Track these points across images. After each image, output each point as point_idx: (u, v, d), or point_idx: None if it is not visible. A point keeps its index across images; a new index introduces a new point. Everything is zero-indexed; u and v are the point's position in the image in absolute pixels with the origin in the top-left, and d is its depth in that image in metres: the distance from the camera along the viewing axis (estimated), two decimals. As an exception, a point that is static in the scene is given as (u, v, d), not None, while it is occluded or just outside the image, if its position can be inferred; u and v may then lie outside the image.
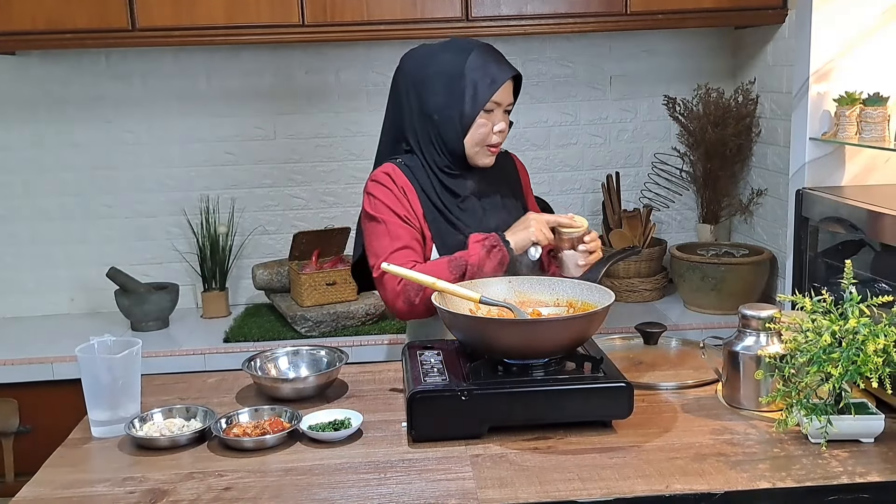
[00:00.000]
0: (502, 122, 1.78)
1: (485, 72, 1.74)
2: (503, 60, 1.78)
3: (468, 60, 1.74)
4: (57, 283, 2.95)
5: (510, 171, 1.94)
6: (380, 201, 1.79)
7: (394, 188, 1.79)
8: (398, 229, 1.76)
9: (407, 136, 1.82)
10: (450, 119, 1.75)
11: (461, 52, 1.75)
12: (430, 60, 1.78)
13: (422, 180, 1.80)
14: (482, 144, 1.77)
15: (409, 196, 1.79)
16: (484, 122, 1.75)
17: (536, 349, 1.46)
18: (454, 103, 1.74)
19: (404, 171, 1.81)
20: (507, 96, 1.77)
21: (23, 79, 2.83)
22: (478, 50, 1.76)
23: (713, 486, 1.25)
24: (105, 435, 1.49)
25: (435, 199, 1.79)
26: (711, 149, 2.86)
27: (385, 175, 1.81)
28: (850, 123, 1.95)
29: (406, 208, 1.78)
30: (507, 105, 1.78)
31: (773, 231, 2.76)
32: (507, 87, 1.76)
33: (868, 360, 1.28)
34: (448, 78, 1.74)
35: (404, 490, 1.27)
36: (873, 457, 1.33)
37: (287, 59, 2.89)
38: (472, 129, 1.75)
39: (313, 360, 1.71)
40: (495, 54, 1.78)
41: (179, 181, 2.93)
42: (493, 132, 1.77)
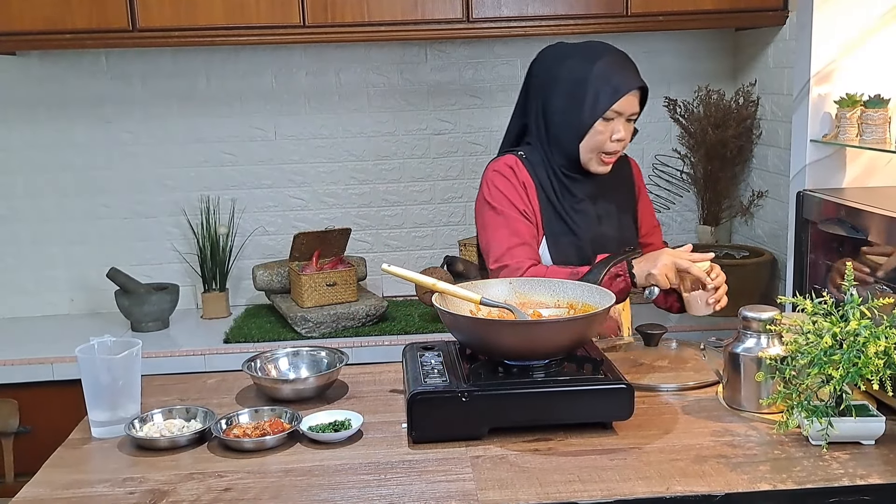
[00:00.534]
0: (622, 130, 1.76)
1: (608, 81, 1.73)
2: (631, 69, 1.77)
3: (594, 67, 1.74)
4: (57, 284, 2.95)
5: (627, 178, 1.93)
6: (500, 192, 1.80)
7: (515, 181, 1.80)
8: (518, 224, 1.77)
9: (530, 133, 1.84)
10: (568, 123, 1.76)
11: (590, 58, 1.76)
12: (560, 62, 1.79)
13: (541, 176, 1.81)
14: (597, 151, 1.77)
15: (528, 191, 1.80)
16: (601, 130, 1.75)
17: (537, 350, 1.46)
18: (574, 108, 1.75)
19: (525, 165, 1.82)
20: (631, 106, 1.75)
21: (23, 79, 2.83)
22: (607, 57, 1.75)
23: (714, 487, 1.25)
24: (105, 435, 1.49)
25: (553, 197, 1.80)
26: (712, 150, 2.86)
27: (507, 167, 1.82)
28: (850, 125, 1.95)
29: (525, 203, 1.79)
30: (629, 114, 1.76)
31: (773, 233, 2.75)
32: (632, 97, 1.75)
33: (869, 362, 1.28)
34: (572, 83, 1.76)
35: (404, 491, 1.27)
36: (874, 459, 1.33)
37: (287, 60, 2.89)
38: (589, 136, 1.76)
39: (313, 361, 1.71)
40: (624, 63, 1.77)
41: (179, 182, 2.93)
42: (611, 140, 1.76)
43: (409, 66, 2.93)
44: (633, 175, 1.95)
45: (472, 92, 2.96)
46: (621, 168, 1.91)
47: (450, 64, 2.94)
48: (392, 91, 2.94)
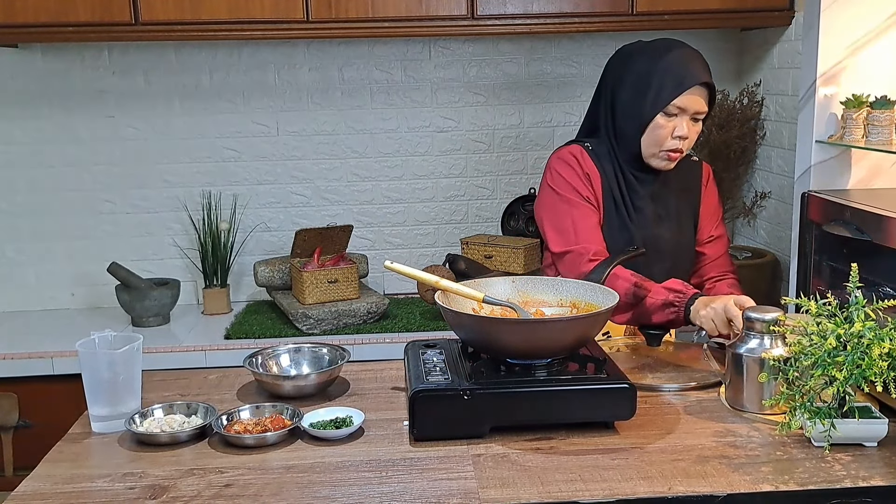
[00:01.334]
0: (685, 128, 1.73)
1: (674, 74, 1.72)
2: (698, 66, 1.74)
3: (662, 61, 1.73)
4: (58, 278, 2.95)
5: (694, 182, 1.90)
6: (563, 179, 1.80)
7: (578, 169, 1.80)
8: (582, 209, 1.77)
9: (598, 126, 1.84)
10: (631, 116, 1.76)
11: (659, 52, 1.75)
12: (631, 57, 1.79)
13: (606, 168, 1.81)
14: (658, 146, 1.75)
15: (592, 180, 1.80)
16: (662, 125, 1.73)
17: (539, 349, 1.46)
18: (638, 100, 1.75)
19: (591, 155, 1.82)
20: (695, 103, 1.73)
21: (25, 73, 2.82)
22: (676, 52, 1.74)
23: (716, 488, 1.24)
24: (105, 430, 1.48)
25: (615, 189, 1.80)
26: (716, 151, 2.85)
27: (571, 156, 1.82)
28: (856, 126, 1.94)
29: (589, 190, 1.79)
30: (694, 112, 1.74)
31: (776, 234, 2.75)
32: (697, 94, 1.72)
33: (873, 364, 1.28)
34: (639, 76, 1.75)
35: (405, 489, 1.26)
36: (877, 461, 1.32)
37: (290, 56, 2.88)
38: (649, 129, 1.75)
39: (315, 358, 1.71)
40: (692, 58, 1.74)
41: (181, 177, 2.93)
42: (672, 136, 1.73)
43: (413, 63, 2.93)
44: (702, 179, 1.92)
45: (475, 89, 2.96)
46: (690, 171, 1.89)
47: (454, 61, 2.93)
48: (395, 88, 2.94)
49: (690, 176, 1.90)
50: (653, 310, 1.69)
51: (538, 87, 2.96)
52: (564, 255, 1.76)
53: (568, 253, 1.75)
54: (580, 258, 1.73)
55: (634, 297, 1.68)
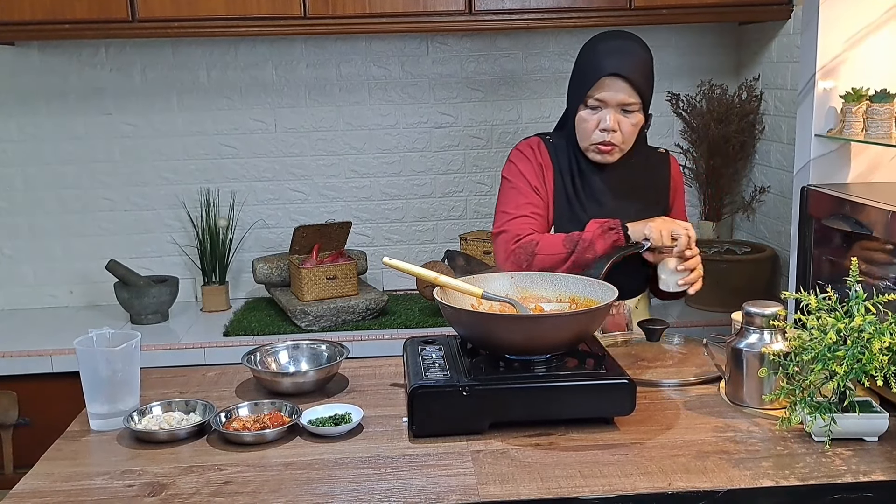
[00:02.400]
0: (609, 120, 1.69)
1: (592, 66, 1.70)
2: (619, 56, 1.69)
3: (588, 53, 1.72)
4: (56, 276, 2.94)
5: (659, 174, 1.87)
6: (516, 167, 1.82)
7: (532, 160, 1.81)
8: (528, 196, 1.78)
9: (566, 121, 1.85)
10: (568, 107, 1.78)
11: (593, 43, 1.75)
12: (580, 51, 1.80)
13: (562, 161, 1.81)
14: (587, 140, 1.73)
15: (545, 172, 1.80)
16: (585, 118, 1.72)
17: (538, 345, 1.45)
18: (569, 94, 1.77)
19: (549, 147, 1.82)
20: (616, 94, 1.68)
21: (22, 70, 2.81)
22: (604, 43, 1.72)
23: (716, 483, 1.24)
24: (103, 428, 1.48)
25: (568, 183, 1.79)
26: (714, 146, 2.85)
27: (528, 146, 1.83)
28: (856, 120, 1.94)
29: (539, 181, 1.79)
30: (617, 103, 1.69)
31: (775, 228, 2.75)
32: (615, 85, 1.68)
33: (873, 359, 1.27)
34: (575, 69, 1.77)
35: (405, 485, 1.26)
36: (877, 455, 1.32)
37: (288, 52, 2.88)
38: (577, 123, 1.75)
39: (313, 355, 1.70)
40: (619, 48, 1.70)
41: (179, 174, 2.92)
42: (599, 129, 1.71)
43: (411, 59, 2.92)
44: (671, 175, 1.90)
45: (473, 85, 2.95)
46: (659, 165, 1.87)
47: (451, 57, 2.93)
48: (393, 84, 2.93)
49: (658, 169, 1.87)
50: (595, 239, 1.68)
51: (536, 82, 2.96)
52: (498, 236, 1.78)
53: (501, 234, 1.77)
54: (508, 241, 1.74)
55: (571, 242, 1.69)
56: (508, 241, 1.75)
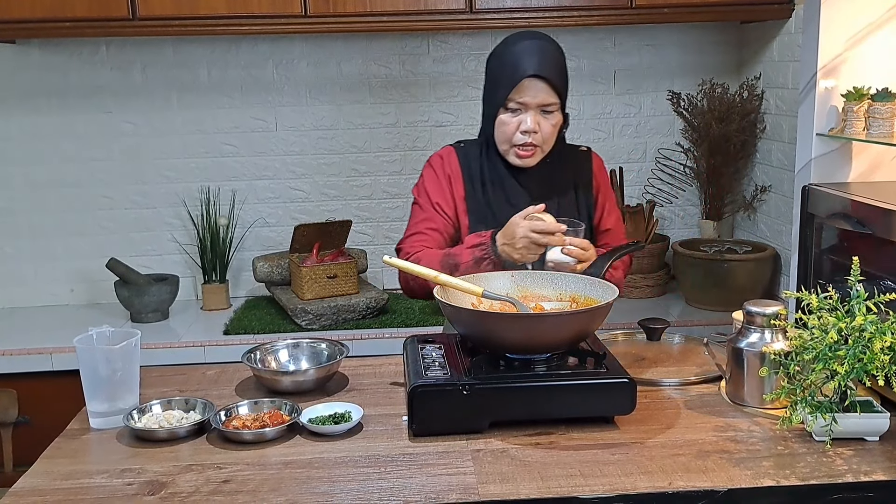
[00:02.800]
0: (530, 122, 1.68)
1: (509, 68, 1.67)
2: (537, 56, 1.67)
3: (503, 56, 1.70)
4: (56, 274, 2.94)
5: (581, 172, 1.84)
6: (421, 184, 1.83)
7: (440, 173, 1.80)
8: (427, 214, 1.78)
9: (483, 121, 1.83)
10: (485, 111, 1.75)
11: (507, 45, 1.72)
12: (492, 54, 1.77)
13: (473, 167, 1.79)
14: (508, 143, 1.72)
15: (453, 182, 1.79)
16: (506, 121, 1.70)
17: (539, 344, 1.45)
18: (486, 97, 1.74)
19: (459, 154, 1.81)
20: (536, 96, 1.67)
21: (22, 68, 2.81)
22: (519, 44, 1.69)
23: (716, 483, 1.24)
24: (103, 426, 1.48)
25: (479, 187, 1.78)
26: (715, 144, 2.85)
27: (438, 158, 1.83)
28: (857, 119, 1.93)
29: (444, 195, 1.79)
30: (538, 105, 1.68)
31: (776, 228, 2.74)
32: (535, 87, 1.67)
33: (874, 358, 1.27)
34: (489, 72, 1.74)
35: (405, 484, 1.26)
36: (878, 455, 1.32)
37: (288, 51, 2.87)
38: (496, 127, 1.72)
39: (313, 353, 1.70)
40: (535, 49, 1.68)
41: (180, 172, 2.92)
42: (520, 132, 1.69)
43: (411, 58, 2.92)
44: (593, 171, 1.86)
45: (474, 84, 2.94)
46: (579, 162, 1.84)
47: (452, 55, 2.92)
48: (394, 82, 2.93)
49: (580, 167, 1.84)
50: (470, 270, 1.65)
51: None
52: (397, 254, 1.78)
53: (399, 251, 1.80)
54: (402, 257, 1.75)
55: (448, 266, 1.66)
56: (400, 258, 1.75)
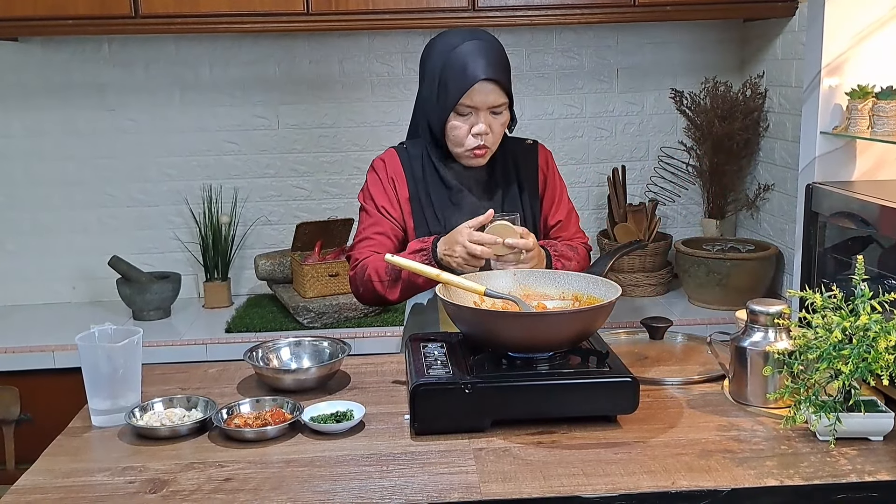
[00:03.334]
0: (482, 124, 1.66)
1: (457, 73, 1.64)
2: (484, 58, 1.64)
3: (448, 57, 1.66)
4: (58, 272, 2.94)
5: (526, 165, 1.82)
6: (367, 188, 1.82)
7: (383, 176, 1.79)
8: (374, 219, 1.78)
9: (417, 122, 1.81)
10: (432, 115, 1.72)
11: (451, 44, 1.68)
12: (432, 49, 1.73)
13: (415, 168, 1.78)
14: (461, 146, 1.70)
15: (397, 185, 1.78)
16: (458, 125, 1.67)
17: (541, 343, 1.45)
18: (433, 100, 1.70)
19: (402, 156, 1.79)
20: (486, 98, 1.65)
21: (24, 66, 2.81)
22: (466, 44, 1.66)
23: (719, 482, 1.23)
24: (105, 424, 1.48)
25: (423, 188, 1.76)
26: (718, 143, 2.84)
27: (380, 161, 1.81)
28: (861, 117, 1.93)
29: (389, 198, 1.78)
30: (488, 107, 1.66)
31: (779, 226, 2.74)
32: (486, 89, 1.64)
33: (879, 357, 1.26)
34: (432, 71, 1.70)
35: (406, 483, 1.25)
36: (882, 455, 1.31)
37: (290, 49, 2.87)
38: (447, 131, 1.70)
39: (315, 352, 1.70)
40: (481, 51, 1.65)
41: (182, 170, 2.92)
42: (472, 135, 1.68)
43: (414, 56, 2.91)
44: (538, 161, 1.84)
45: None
46: (524, 156, 1.82)
47: (455, 53, 2.92)
48: (396, 80, 2.92)
49: (524, 161, 1.82)
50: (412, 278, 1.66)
51: (539, 79, 2.95)
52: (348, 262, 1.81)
53: (349, 258, 1.81)
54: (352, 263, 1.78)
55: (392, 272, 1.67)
56: (350, 267, 1.78)
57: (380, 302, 1.76)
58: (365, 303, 1.80)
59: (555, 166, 1.88)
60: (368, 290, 1.73)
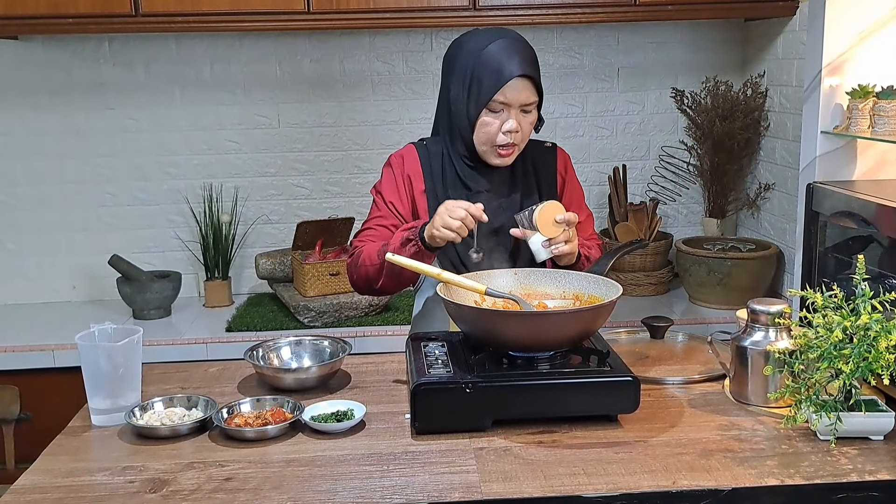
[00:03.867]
0: (513, 121, 1.67)
1: (492, 69, 1.65)
2: (518, 56, 1.66)
3: (482, 55, 1.67)
4: (59, 271, 2.94)
5: (545, 168, 1.83)
6: (380, 183, 1.81)
7: (397, 173, 1.78)
8: (381, 210, 1.77)
9: (439, 121, 1.81)
10: (461, 113, 1.71)
11: (482, 42, 1.69)
12: (459, 52, 1.73)
13: (434, 166, 1.77)
14: (489, 144, 1.70)
15: (412, 180, 1.77)
16: (489, 122, 1.68)
17: (542, 342, 1.44)
18: (464, 98, 1.70)
19: (420, 152, 1.79)
20: (520, 95, 1.66)
21: (25, 64, 2.81)
22: (499, 42, 1.67)
23: (720, 482, 1.23)
24: (105, 423, 1.48)
25: (440, 186, 1.76)
26: (719, 142, 2.84)
27: (398, 158, 1.80)
28: (862, 117, 1.92)
29: (399, 196, 1.77)
30: (520, 105, 1.68)
31: (780, 226, 2.73)
32: (519, 86, 1.66)
33: (880, 357, 1.26)
34: (463, 69, 1.70)
35: (407, 482, 1.25)
36: (883, 455, 1.31)
37: (291, 47, 2.87)
38: (477, 128, 1.70)
39: (316, 351, 1.70)
40: (512, 49, 1.67)
41: (182, 169, 2.91)
42: (503, 132, 1.68)
43: (414, 55, 2.91)
44: (557, 164, 1.84)
45: (477, 81, 2.93)
46: (544, 158, 1.83)
47: (455, 52, 2.91)
48: (396, 79, 2.92)
49: (543, 164, 1.83)
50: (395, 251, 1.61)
51: (541, 78, 2.94)
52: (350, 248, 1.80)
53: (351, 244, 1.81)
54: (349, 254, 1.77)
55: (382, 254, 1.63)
56: (349, 254, 1.78)
57: (369, 288, 1.73)
58: (358, 289, 1.78)
59: (573, 170, 1.89)
60: (361, 277, 1.72)
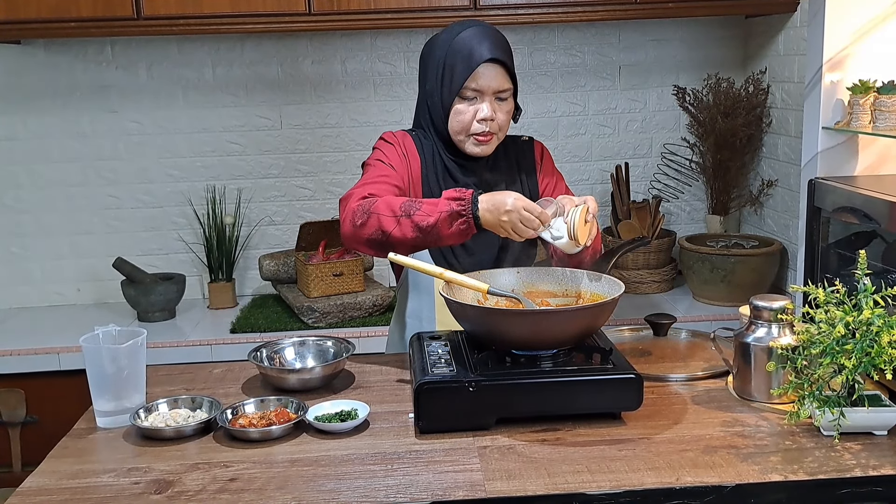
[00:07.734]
0: (486, 108, 1.65)
1: (464, 54, 1.63)
2: (489, 41, 1.64)
3: (454, 42, 1.66)
4: (63, 274, 2.95)
5: (525, 160, 1.83)
6: (379, 150, 1.74)
7: (398, 147, 1.74)
8: (382, 170, 1.68)
9: (419, 118, 1.80)
10: (436, 104, 1.71)
11: (454, 32, 1.68)
12: (433, 41, 1.74)
13: (426, 154, 1.76)
14: (465, 133, 1.69)
15: (410, 161, 1.74)
16: (462, 110, 1.66)
17: (545, 340, 1.45)
18: (438, 87, 1.69)
19: (416, 142, 1.77)
20: (492, 82, 1.64)
21: (28, 68, 2.82)
22: (469, 30, 1.66)
23: (724, 478, 1.23)
24: (110, 425, 1.48)
25: (433, 179, 1.76)
26: (721, 139, 2.84)
27: (394, 136, 1.77)
28: (863, 112, 1.92)
29: (401, 164, 1.71)
30: (494, 91, 1.66)
31: (783, 222, 2.73)
32: (491, 72, 1.64)
33: (882, 352, 1.26)
34: (437, 60, 1.69)
35: (411, 482, 1.26)
36: (887, 449, 1.31)
37: (293, 49, 2.87)
38: (451, 116, 1.68)
39: (320, 351, 1.70)
40: (485, 34, 1.65)
41: (185, 171, 2.92)
42: (477, 120, 1.67)
43: (416, 55, 2.89)
44: (535, 158, 1.84)
45: (479, 80, 2.94)
46: (521, 152, 1.82)
47: (456, 52, 2.92)
48: (398, 80, 2.92)
49: (522, 157, 1.82)
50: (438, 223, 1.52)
51: (542, 77, 2.95)
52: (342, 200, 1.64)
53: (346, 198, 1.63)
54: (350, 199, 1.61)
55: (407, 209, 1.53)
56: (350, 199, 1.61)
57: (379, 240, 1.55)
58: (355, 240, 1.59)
59: (550, 158, 1.88)
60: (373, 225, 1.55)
